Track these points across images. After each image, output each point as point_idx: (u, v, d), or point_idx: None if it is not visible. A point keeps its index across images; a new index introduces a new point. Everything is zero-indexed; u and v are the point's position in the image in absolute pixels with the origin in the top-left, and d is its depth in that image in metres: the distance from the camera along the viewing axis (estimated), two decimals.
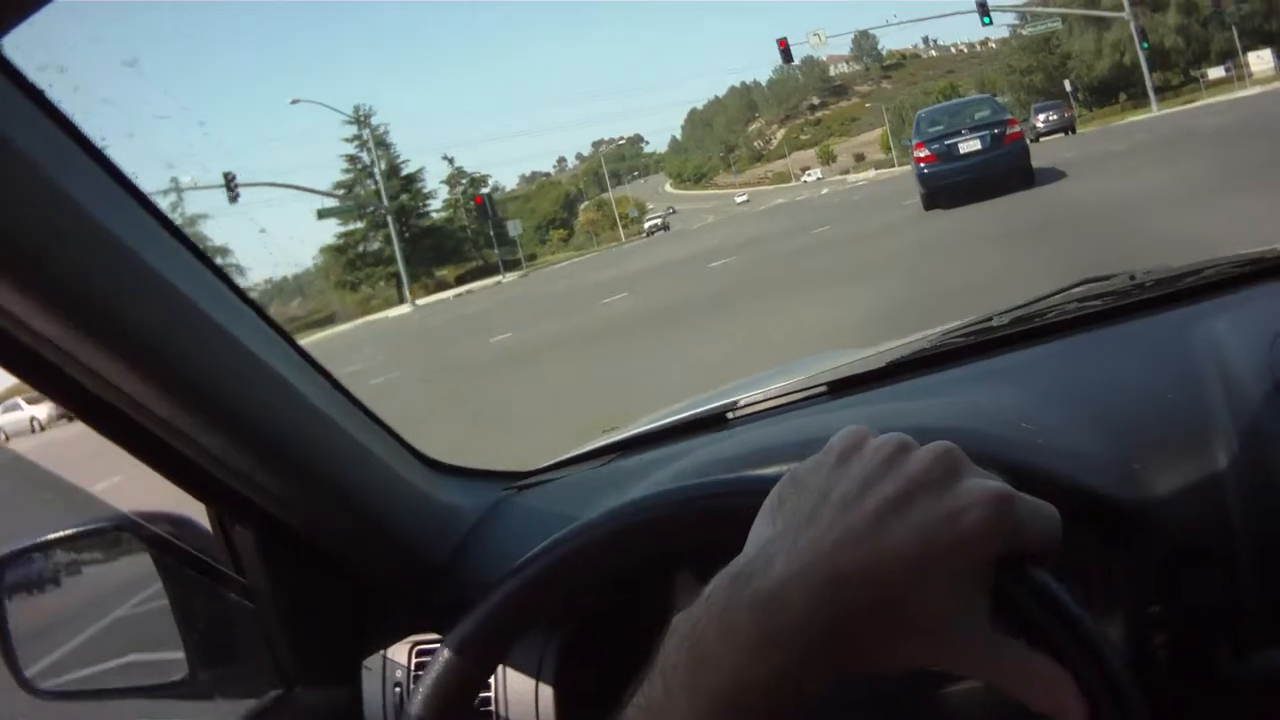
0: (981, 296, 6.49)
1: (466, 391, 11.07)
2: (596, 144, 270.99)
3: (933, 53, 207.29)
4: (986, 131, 15.13)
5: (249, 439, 0.88)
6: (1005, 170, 14.62)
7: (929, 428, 0.87)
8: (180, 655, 1.03)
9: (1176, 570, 0.79)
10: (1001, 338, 1.18)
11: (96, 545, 1.12)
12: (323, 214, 61.05)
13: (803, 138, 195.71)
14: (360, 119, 66.14)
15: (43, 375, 0.79)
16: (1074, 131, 37.64)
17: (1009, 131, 15.21)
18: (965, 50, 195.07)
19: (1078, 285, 1.25)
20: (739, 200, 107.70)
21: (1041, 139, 36.68)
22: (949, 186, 15.02)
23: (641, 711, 0.55)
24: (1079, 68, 71.14)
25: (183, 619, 1.03)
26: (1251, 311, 1.04)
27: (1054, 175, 16.65)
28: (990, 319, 1.23)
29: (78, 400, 0.82)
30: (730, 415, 1.26)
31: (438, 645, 0.79)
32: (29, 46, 0.70)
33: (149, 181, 0.82)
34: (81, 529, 1.10)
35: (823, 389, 1.22)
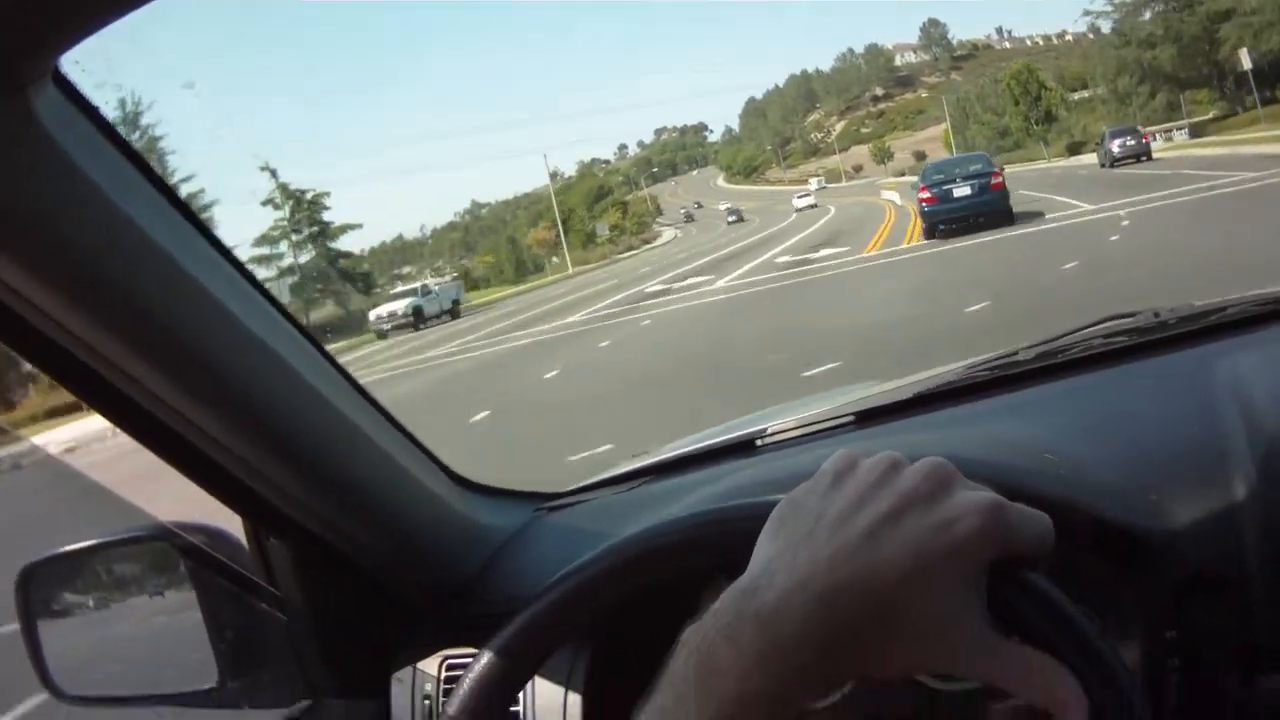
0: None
1: None
2: (659, 131, 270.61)
3: (1006, 44, 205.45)
4: (976, 180, 21.44)
5: (285, 452, 0.97)
6: (989, 211, 20.73)
7: (954, 457, 0.94)
8: (210, 664, 1.10)
9: (1191, 596, 0.85)
10: (1026, 371, 1.25)
11: (132, 553, 1.19)
12: None
13: (863, 130, 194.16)
14: None
15: (88, 386, 0.87)
16: (1149, 158, 37.10)
17: (993, 181, 21.48)
18: (1041, 42, 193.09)
19: (1103, 321, 1.32)
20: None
21: (1116, 165, 37.35)
22: (944, 221, 21.23)
23: (653, 716, 0.61)
24: (1238, 34, 47.48)
25: (214, 628, 1.11)
26: (1273, 349, 1.11)
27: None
28: (1016, 353, 1.31)
29: (121, 412, 0.90)
30: (759, 442, 1.33)
31: (468, 659, 0.87)
32: (88, 62, 0.77)
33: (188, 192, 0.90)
34: (117, 537, 1.17)
35: (850, 419, 1.29)
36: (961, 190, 21.19)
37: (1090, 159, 47.22)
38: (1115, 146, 38.76)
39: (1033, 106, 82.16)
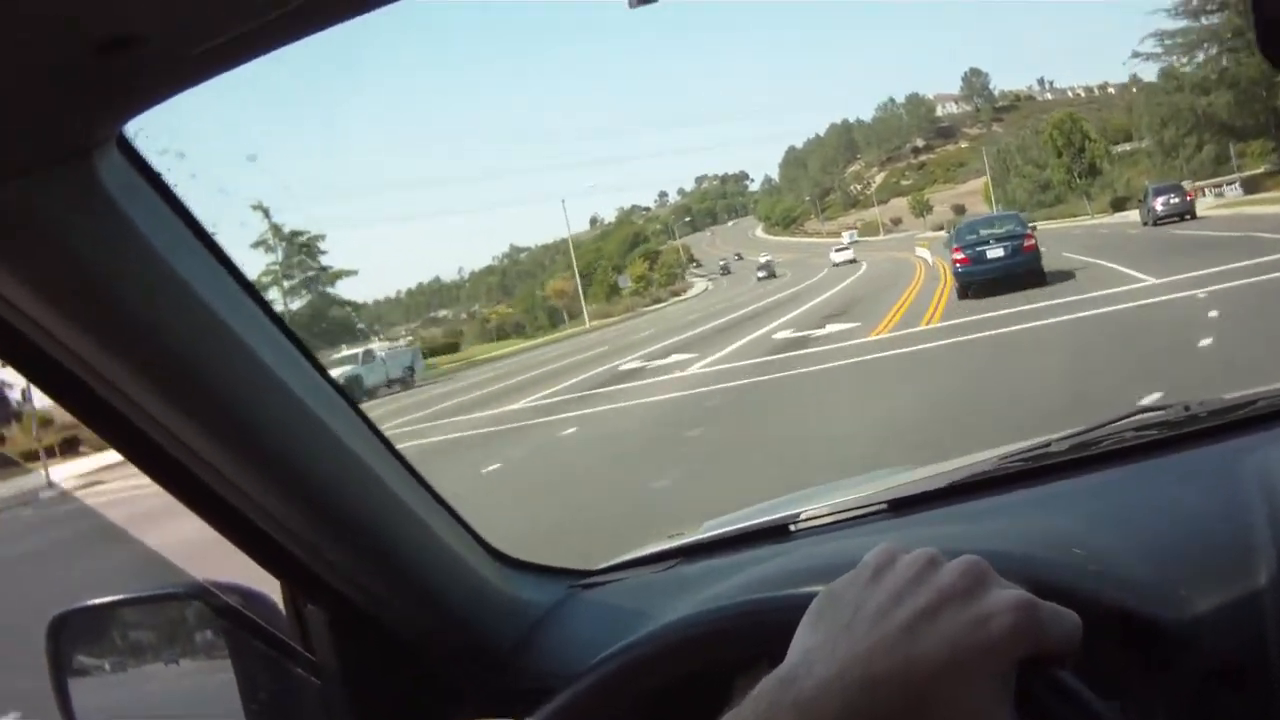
0: None
1: None
2: (699, 179, 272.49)
3: (1048, 95, 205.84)
4: (1009, 242, 21.87)
5: (325, 517, 0.99)
6: (1022, 272, 21.05)
7: (986, 550, 0.96)
8: None
9: (1214, 691, 0.87)
10: (1059, 464, 1.27)
11: (167, 610, 1.20)
12: None
13: (904, 182, 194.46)
14: None
15: (136, 446, 0.89)
16: (1193, 217, 36.25)
17: (1026, 243, 21.87)
18: (1083, 94, 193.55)
19: (1134, 414, 1.34)
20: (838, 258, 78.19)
21: (1160, 223, 36.45)
22: (978, 283, 21.48)
23: None
24: None
25: (247, 690, 1.12)
26: None
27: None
28: (1049, 444, 1.33)
29: (172, 474, 0.92)
30: (793, 527, 1.35)
31: None
32: (153, 130, 0.79)
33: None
34: (152, 593, 1.19)
35: (884, 506, 1.31)
36: (995, 251, 21.83)
37: (1134, 215, 46.18)
38: (1159, 204, 38.00)
39: (1076, 158, 78.41)
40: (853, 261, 70.84)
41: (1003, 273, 21.23)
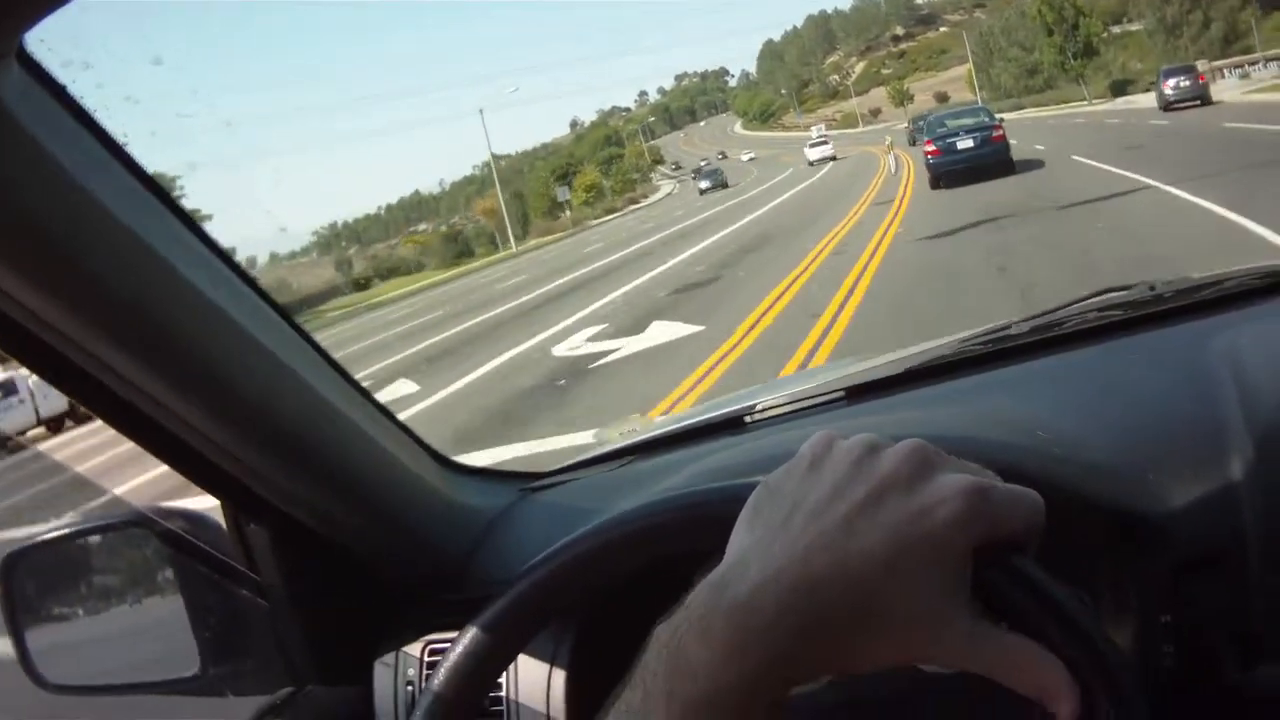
0: None
1: None
2: (679, 77, 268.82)
3: None
4: (979, 133, 23.38)
5: (265, 435, 0.97)
6: (991, 162, 22.40)
7: (945, 435, 0.97)
8: (193, 651, 1.12)
9: (1188, 580, 0.86)
10: (1020, 346, 1.25)
11: (110, 540, 1.21)
12: None
13: (884, 71, 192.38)
14: None
15: (63, 371, 0.88)
16: (1209, 102, 34.09)
17: (994, 134, 23.33)
18: None
19: (1097, 295, 1.32)
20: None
21: (1172, 108, 34.70)
22: (949, 173, 22.87)
23: (621, 715, 0.61)
24: None
25: (195, 615, 1.12)
26: (1271, 323, 1.11)
27: None
28: (1009, 326, 1.30)
29: (94, 395, 0.91)
30: (748, 419, 1.34)
31: (452, 641, 0.88)
32: (54, 41, 0.77)
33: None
34: (96, 523, 1.19)
35: (840, 394, 1.30)
36: (965, 142, 23.20)
37: (1142, 101, 43.89)
38: (1168, 88, 35.74)
39: (1069, 37, 71.65)
40: (832, 159, 66.64)
41: (972, 162, 22.55)
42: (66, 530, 1.20)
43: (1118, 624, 0.87)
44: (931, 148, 23.85)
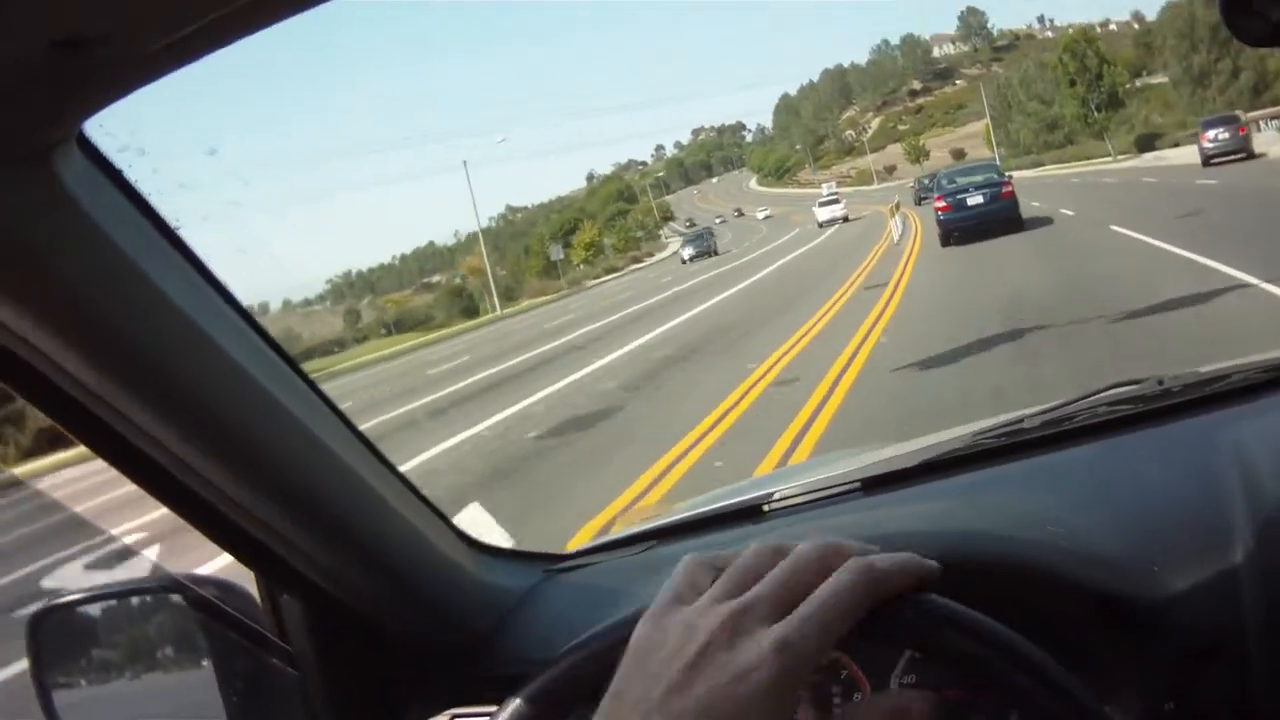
0: None
1: None
2: (696, 131, 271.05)
3: (1049, 33, 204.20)
4: (988, 189, 24.01)
5: (299, 508, 1.00)
6: (1000, 219, 23.22)
7: (960, 531, 1.06)
8: (220, 717, 1.13)
9: (1191, 668, 0.88)
10: (1032, 440, 1.29)
11: (142, 603, 1.23)
12: None
13: (900, 127, 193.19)
14: None
15: (106, 442, 0.91)
16: (1252, 155, 32.03)
17: (1003, 190, 23.99)
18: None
19: (1107, 389, 1.35)
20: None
21: (1211, 162, 32.13)
22: (959, 229, 23.60)
23: None
24: None
25: (225, 683, 1.14)
26: (1275, 417, 1.15)
27: None
28: (1021, 420, 1.34)
29: (137, 467, 0.94)
30: (766, 508, 1.38)
31: (476, 718, 0.89)
32: (112, 127, 0.80)
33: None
34: (128, 587, 1.21)
35: (856, 485, 1.34)
36: (975, 199, 23.94)
37: (1173, 156, 41.60)
38: (1206, 140, 33.22)
39: (1093, 87, 67.45)
40: (845, 220, 61.92)
41: (982, 219, 23.35)
42: (96, 590, 1.22)
43: (1123, 711, 0.89)
44: (942, 204, 24.61)
